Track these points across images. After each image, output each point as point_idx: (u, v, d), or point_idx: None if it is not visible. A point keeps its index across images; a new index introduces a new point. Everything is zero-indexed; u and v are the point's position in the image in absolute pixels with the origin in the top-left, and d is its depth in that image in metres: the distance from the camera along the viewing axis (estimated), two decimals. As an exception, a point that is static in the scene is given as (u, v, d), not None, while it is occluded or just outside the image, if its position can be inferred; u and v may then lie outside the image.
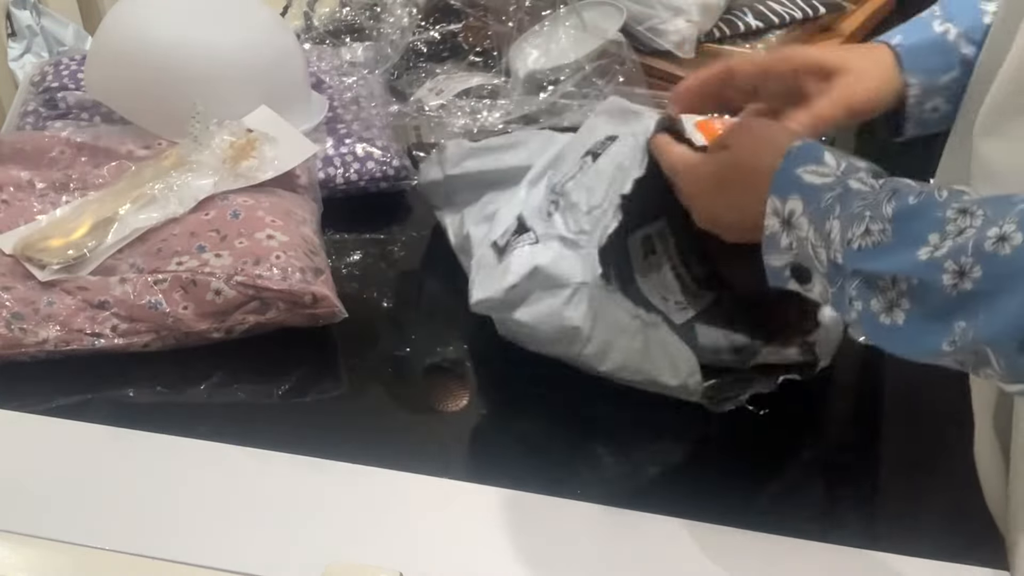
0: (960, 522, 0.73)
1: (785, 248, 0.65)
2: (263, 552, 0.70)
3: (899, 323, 0.59)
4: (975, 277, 0.55)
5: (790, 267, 0.65)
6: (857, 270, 0.60)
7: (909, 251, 0.58)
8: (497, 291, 0.77)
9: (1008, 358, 0.54)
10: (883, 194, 0.60)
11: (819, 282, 0.64)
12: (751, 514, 0.72)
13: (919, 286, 0.57)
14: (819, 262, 0.63)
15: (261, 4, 1.08)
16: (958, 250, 0.56)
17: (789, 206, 0.64)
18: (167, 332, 0.85)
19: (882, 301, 0.59)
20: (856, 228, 0.60)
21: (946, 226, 0.57)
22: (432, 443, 0.80)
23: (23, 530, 0.71)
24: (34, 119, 1.09)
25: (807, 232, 0.63)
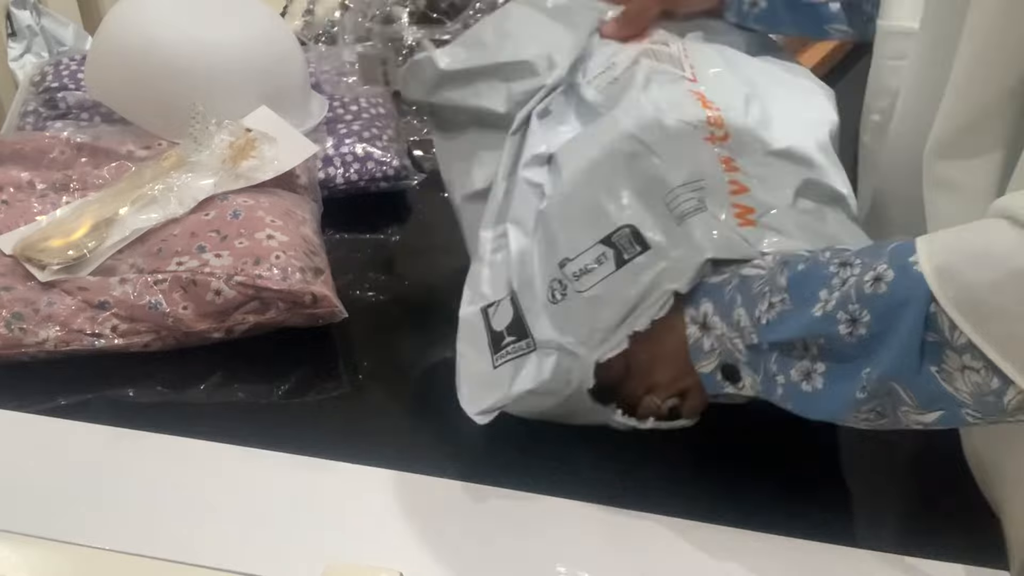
0: (960, 522, 0.73)
1: (709, 351, 0.68)
2: (263, 552, 0.70)
3: (819, 387, 0.63)
4: (865, 321, 0.59)
5: (719, 369, 0.68)
6: (772, 343, 0.64)
7: (807, 312, 0.62)
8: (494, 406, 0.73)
9: (914, 386, 0.59)
10: (776, 268, 0.65)
11: (747, 375, 0.67)
12: (751, 514, 0.72)
13: (825, 344, 0.62)
14: (739, 352, 0.67)
15: (261, 4, 1.09)
16: (844, 299, 0.60)
17: (702, 310, 0.68)
18: (167, 332, 0.85)
19: (800, 370, 0.64)
20: (761, 306, 0.65)
21: (831, 280, 0.62)
22: (432, 443, 0.80)
23: (23, 530, 0.71)
24: (34, 119, 1.09)
25: (721, 328, 0.67)
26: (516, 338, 0.74)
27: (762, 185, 0.75)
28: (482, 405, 0.73)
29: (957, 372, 0.58)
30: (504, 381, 0.73)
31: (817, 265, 0.63)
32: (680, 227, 0.72)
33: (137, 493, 0.74)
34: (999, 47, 0.62)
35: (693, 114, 0.79)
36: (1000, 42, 0.62)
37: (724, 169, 0.75)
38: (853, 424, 0.63)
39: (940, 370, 0.58)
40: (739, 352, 0.67)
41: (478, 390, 0.74)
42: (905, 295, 0.58)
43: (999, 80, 0.63)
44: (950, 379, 0.58)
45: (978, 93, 0.64)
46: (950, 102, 0.66)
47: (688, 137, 0.77)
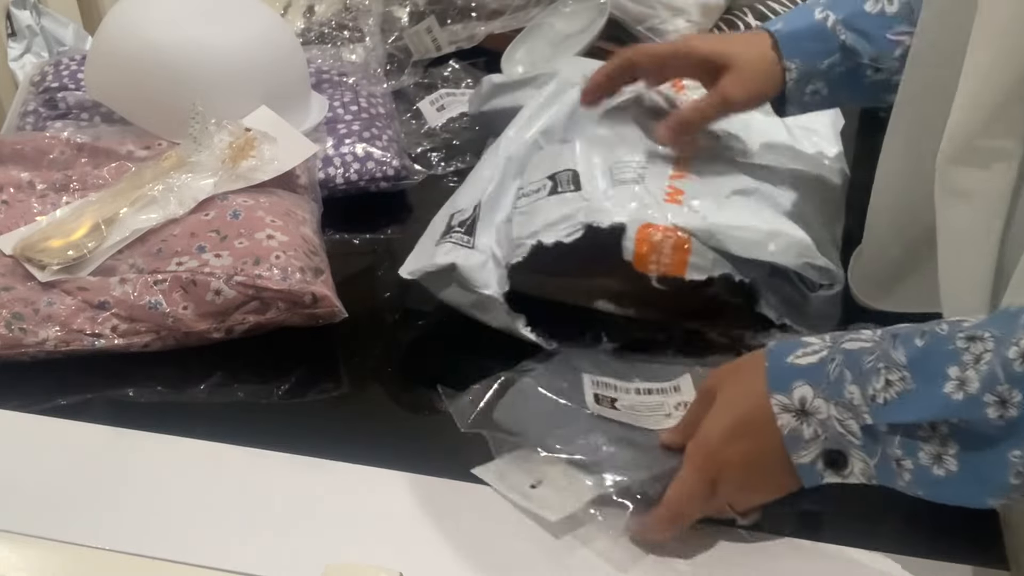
0: (960, 522, 0.73)
1: (811, 438, 0.63)
2: (263, 552, 0.70)
3: (953, 471, 0.58)
4: (1017, 402, 0.55)
5: (821, 457, 0.63)
6: (893, 424, 0.59)
7: (935, 391, 0.57)
8: (421, 268, 0.85)
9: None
10: (886, 343, 0.60)
11: (857, 460, 0.62)
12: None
13: (960, 425, 0.57)
14: (851, 435, 0.61)
15: (261, 4, 1.08)
16: (991, 379, 0.55)
17: (797, 395, 0.62)
18: (167, 332, 0.85)
19: (929, 452, 0.58)
20: (876, 383, 0.59)
21: (961, 356, 0.57)
22: (432, 443, 0.80)
23: (23, 530, 0.71)
24: (34, 119, 1.09)
25: (827, 411, 0.62)
26: (463, 232, 0.85)
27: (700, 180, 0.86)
28: (411, 267, 0.86)
29: None
30: (437, 253, 0.84)
31: (938, 338, 0.59)
32: (613, 188, 0.85)
33: (137, 493, 0.74)
34: (1012, 51, 0.61)
35: None
36: (1014, 46, 0.61)
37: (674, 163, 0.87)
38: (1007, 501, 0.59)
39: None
40: (852, 435, 0.61)
41: (414, 259, 0.87)
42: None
43: (1014, 85, 0.61)
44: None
45: (992, 99, 0.62)
46: (963, 109, 0.64)
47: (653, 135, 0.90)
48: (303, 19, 1.32)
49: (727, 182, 0.87)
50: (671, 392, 0.78)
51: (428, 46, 1.27)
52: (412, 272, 0.85)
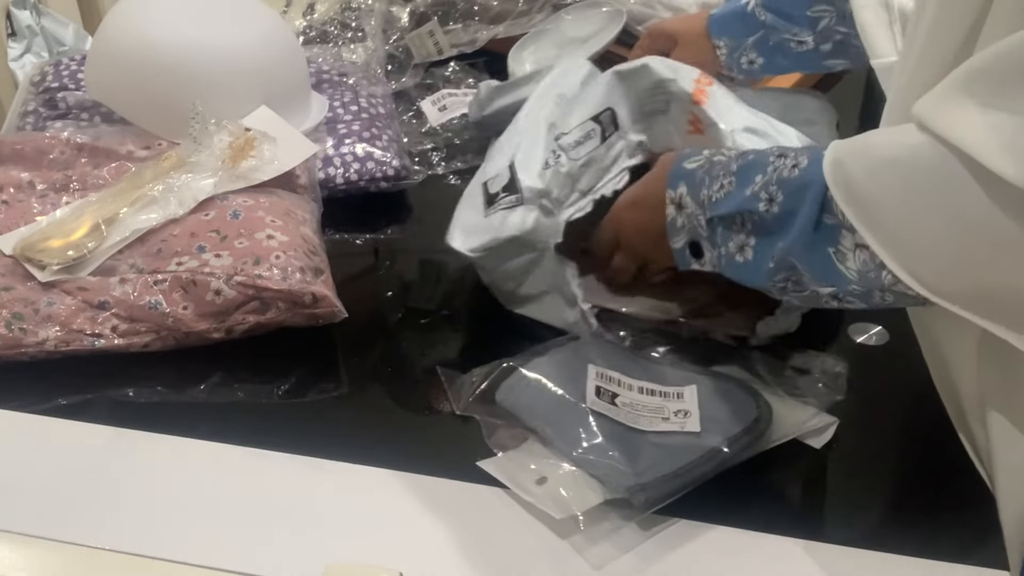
0: (960, 522, 0.73)
1: (681, 227, 0.77)
2: (263, 552, 0.70)
3: (749, 258, 0.72)
4: (779, 200, 0.68)
5: (688, 245, 0.77)
6: (718, 217, 0.73)
7: (742, 191, 0.71)
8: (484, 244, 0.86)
9: (807, 262, 0.67)
10: (733, 155, 0.75)
11: (707, 249, 0.76)
12: (751, 514, 0.72)
13: (752, 218, 0.70)
14: (701, 227, 0.75)
15: (261, 4, 1.08)
16: (768, 182, 0.69)
17: (679, 191, 0.77)
18: (167, 332, 0.85)
19: (735, 242, 0.72)
20: (714, 186, 0.74)
21: (767, 167, 0.70)
22: (432, 443, 0.80)
23: (23, 530, 0.71)
24: (34, 119, 1.09)
25: (691, 207, 0.76)
26: (508, 193, 0.87)
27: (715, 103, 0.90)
28: (474, 243, 0.86)
29: (851, 252, 0.64)
30: (494, 226, 0.86)
31: (762, 155, 0.72)
32: (643, 121, 0.93)
33: (137, 493, 0.74)
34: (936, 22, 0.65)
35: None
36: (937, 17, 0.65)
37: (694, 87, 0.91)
38: (779, 295, 0.72)
39: (836, 251, 0.65)
40: (701, 227, 0.75)
41: (470, 234, 0.87)
42: (810, 179, 0.66)
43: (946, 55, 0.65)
44: (843, 259, 0.65)
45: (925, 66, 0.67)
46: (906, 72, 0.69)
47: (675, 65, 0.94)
48: (303, 19, 1.32)
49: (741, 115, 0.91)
50: (673, 397, 0.78)
51: (430, 49, 1.27)
52: (475, 249, 0.86)
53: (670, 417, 0.76)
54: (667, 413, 0.77)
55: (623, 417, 0.76)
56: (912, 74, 0.69)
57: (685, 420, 0.76)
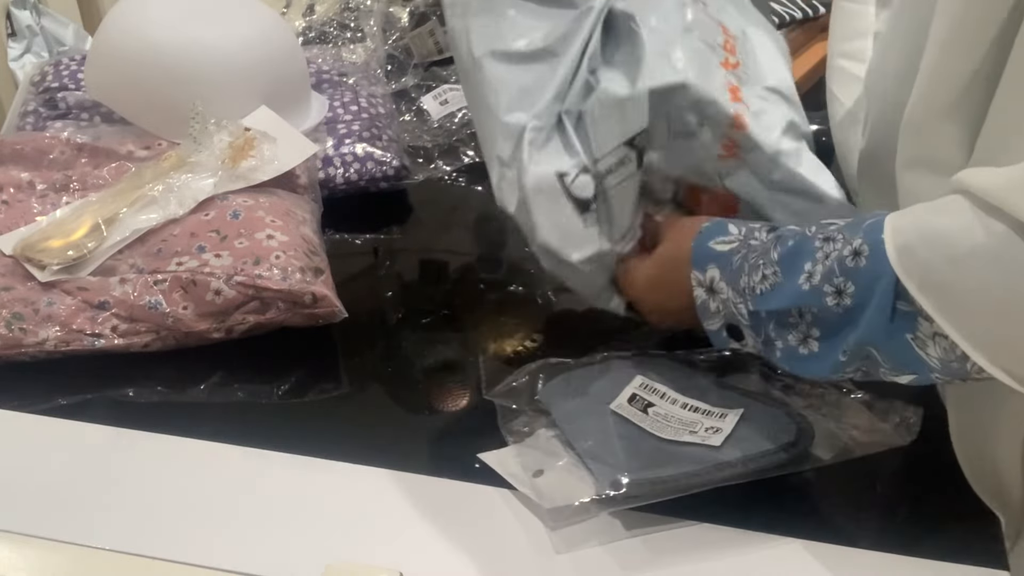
0: (960, 522, 0.73)
1: (715, 312, 0.74)
2: (263, 552, 0.70)
3: (815, 351, 0.68)
4: (850, 292, 0.64)
5: (724, 328, 0.74)
6: (768, 311, 0.69)
7: (793, 283, 0.67)
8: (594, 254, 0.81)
9: (885, 350, 0.64)
10: (770, 242, 0.70)
11: (748, 335, 0.73)
12: (751, 514, 0.72)
13: (819, 314, 0.66)
14: (742, 316, 0.72)
15: (261, 4, 1.08)
16: (829, 273, 0.65)
17: (708, 275, 0.74)
18: (167, 332, 0.85)
19: (796, 335, 0.69)
20: (755, 277, 0.70)
21: (815, 254, 0.67)
22: (432, 443, 0.80)
23: (23, 530, 0.71)
24: (34, 119, 1.09)
25: (728, 293, 0.73)
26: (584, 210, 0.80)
27: (757, 122, 0.82)
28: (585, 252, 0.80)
29: (929, 339, 0.62)
30: (595, 238, 0.81)
31: (805, 240, 0.68)
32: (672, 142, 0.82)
33: (137, 493, 0.74)
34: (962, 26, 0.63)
35: (713, 36, 0.84)
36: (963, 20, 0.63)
37: (730, 99, 0.81)
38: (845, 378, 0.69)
39: (915, 337, 0.62)
40: (742, 316, 0.72)
41: (573, 239, 0.80)
42: (879, 269, 0.62)
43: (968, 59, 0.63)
44: (923, 345, 0.62)
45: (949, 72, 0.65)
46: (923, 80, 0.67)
47: (707, 59, 0.82)
48: (303, 19, 1.32)
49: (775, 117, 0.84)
50: (715, 417, 0.76)
51: (431, 48, 1.28)
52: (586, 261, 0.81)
53: (698, 431, 0.75)
54: (698, 428, 0.75)
55: (647, 424, 0.75)
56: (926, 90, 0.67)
57: (709, 435, 0.74)
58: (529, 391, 0.79)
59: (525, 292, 0.95)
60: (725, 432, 0.74)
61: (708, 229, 0.75)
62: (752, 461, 0.72)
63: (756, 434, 0.74)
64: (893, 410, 0.76)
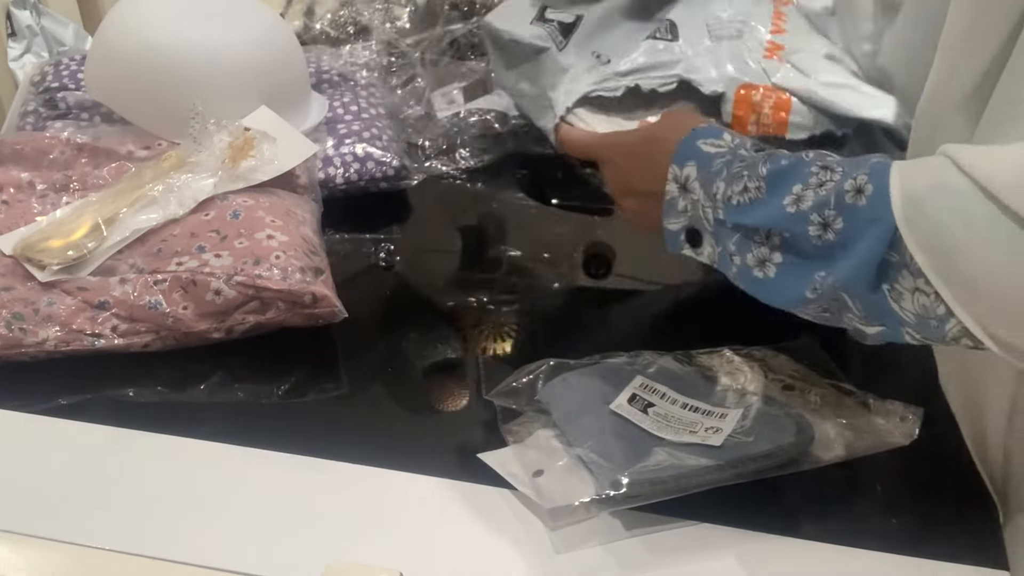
0: (960, 522, 0.73)
1: (681, 211, 0.71)
2: (263, 552, 0.70)
3: (770, 276, 0.66)
4: (837, 228, 0.61)
5: (685, 231, 0.72)
6: (736, 224, 0.66)
7: (777, 203, 0.64)
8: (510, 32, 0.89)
9: (863, 299, 0.61)
10: (760, 157, 0.67)
11: (707, 243, 0.70)
12: (751, 514, 0.72)
13: (790, 239, 0.64)
14: (707, 221, 0.69)
15: (261, 4, 1.08)
16: (822, 203, 0.62)
17: (686, 171, 0.70)
18: (167, 332, 0.85)
19: (756, 256, 0.66)
20: (735, 186, 0.67)
21: (808, 179, 0.63)
22: (432, 443, 0.80)
23: (23, 530, 0.71)
24: (34, 119, 1.09)
25: (699, 194, 0.70)
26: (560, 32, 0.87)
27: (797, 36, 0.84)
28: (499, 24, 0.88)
29: (908, 293, 0.59)
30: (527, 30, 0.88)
31: (800, 163, 0.65)
32: (711, 42, 0.85)
33: (137, 493, 0.74)
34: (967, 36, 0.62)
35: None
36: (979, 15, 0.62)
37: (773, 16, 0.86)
38: (796, 314, 0.67)
39: (892, 288, 0.60)
40: (707, 221, 0.69)
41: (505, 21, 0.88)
42: (878, 213, 0.59)
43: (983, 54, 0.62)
44: (899, 298, 0.60)
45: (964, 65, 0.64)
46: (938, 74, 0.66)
47: None
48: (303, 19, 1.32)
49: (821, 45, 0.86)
50: (715, 416, 0.76)
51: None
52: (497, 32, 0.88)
53: (698, 431, 0.75)
54: (698, 428, 0.75)
55: (647, 424, 0.75)
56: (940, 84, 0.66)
57: (709, 435, 0.74)
58: (529, 391, 0.79)
59: (525, 292, 0.96)
60: (725, 432, 0.74)
61: (703, 129, 0.72)
62: (752, 461, 0.72)
63: (756, 434, 0.74)
64: (893, 411, 0.76)
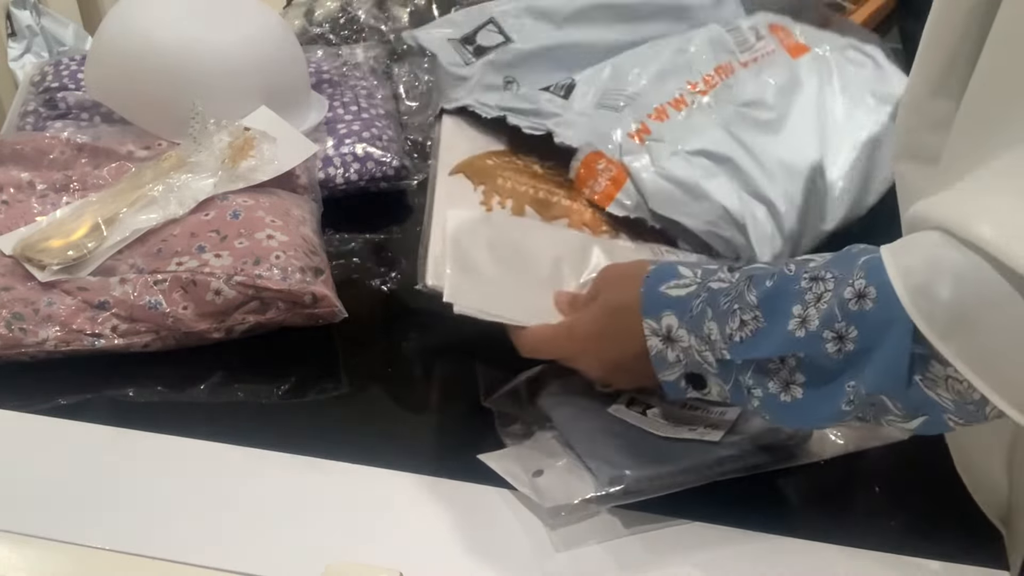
0: (960, 522, 0.73)
1: (674, 362, 0.68)
2: (263, 552, 0.70)
3: (799, 397, 0.63)
4: (853, 337, 0.59)
5: (683, 378, 0.69)
6: (747, 360, 0.64)
7: (781, 329, 0.62)
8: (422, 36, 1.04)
9: (901, 398, 0.59)
10: (742, 285, 0.65)
11: (714, 384, 0.68)
12: (751, 513, 0.72)
13: (806, 359, 0.62)
14: (708, 364, 0.67)
15: (261, 4, 1.08)
16: (829, 319, 0.60)
17: (664, 323, 0.68)
18: (167, 332, 0.85)
19: (778, 383, 0.64)
20: (732, 323, 0.64)
21: (804, 296, 0.62)
22: (432, 443, 0.80)
23: (23, 530, 0.71)
24: (34, 119, 1.09)
25: (689, 341, 0.67)
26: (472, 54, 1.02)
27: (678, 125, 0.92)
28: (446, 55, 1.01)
29: (941, 380, 0.58)
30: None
31: (785, 279, 0.63)
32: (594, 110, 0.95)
33: (137, 493, 0.74)
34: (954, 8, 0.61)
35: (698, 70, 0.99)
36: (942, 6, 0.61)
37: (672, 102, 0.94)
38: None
39: (924, 379, 0.58)
40: (709, 364, 0.67)
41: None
42: (891, 314, 0.57)
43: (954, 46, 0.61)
44: (934, 386, 0.58)
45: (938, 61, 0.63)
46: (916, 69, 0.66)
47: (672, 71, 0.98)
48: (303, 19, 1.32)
49: (702, 139, 0.92)
50: (712, 415, 0.76)
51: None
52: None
53: (697, 429, 0.74)
54: (697, 425, 0.75)
55: (647, 425, 0.75)
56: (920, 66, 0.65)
57: (708, 432, 0.74)
58: (527, 397, 0.79)
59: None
60: (723, 430, 0.74)
61: (656, 272, 0.70)
62: (751, 456, 0.72)
63: (754, 430, 0.74)
64: None
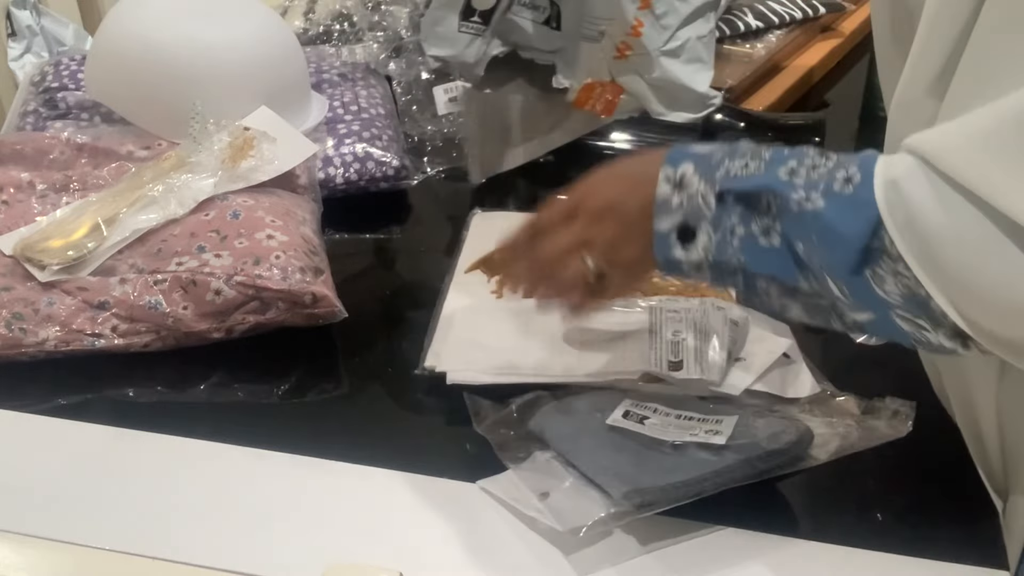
0: (960, 522, 0.73)
1: (676, 207, 0.67)
2: (263, 552, 0.70)
3: (776, 245, 0.64)
4: (820, 207, 0.61)
5: (676, 229, 0.68)
6: (738, 192, 0.65)
7: (772, 171, 0.64)
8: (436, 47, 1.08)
9: (847, 282, 0.61)
10: (763, 147, 0.67)
11: (704, 232, 0.67)
12: (751, 514, 0.72)
13: (777, 202, 0.63)
14: (707, 206, 0.66)
15: (261, 4, 1.09)
16: (812, 182, 0.62)
17: (681, 169, 0.67)
18: (167, 332, 0.85)
19: (759, 226, 0.64)
20: (734, 163, 0.66)
21: (804, 159, 0.64)
22: (432, 443, 0.80)
23: (23, 530, 0.71)
24: (34, 119, 1.09)
25: (696, 186, 0.67)
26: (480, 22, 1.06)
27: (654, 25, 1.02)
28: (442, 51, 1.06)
29: (890, 276, 0.60)
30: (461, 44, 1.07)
31: (800, 151, 0.66)
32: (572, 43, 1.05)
33: (137, 493, 0.74)
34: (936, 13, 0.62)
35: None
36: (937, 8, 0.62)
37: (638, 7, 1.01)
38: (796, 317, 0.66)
39: (874, 274, 0.60)
40: (707, 206, 0.66)
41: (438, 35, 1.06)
42: (863, 198, 0.60)
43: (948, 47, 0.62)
44: (881, 283, 0.60)
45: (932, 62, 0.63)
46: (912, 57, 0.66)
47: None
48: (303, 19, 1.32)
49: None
50: (710, 422, 0.75)
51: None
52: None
53: (699, 434, 0.74)
54: (697, 431, 0.74)
55: (647, 431, 0.75)
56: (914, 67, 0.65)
57: (711, 436, 0.73)
58: (520, 420, 0.78)
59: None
60: (725, 434, 0.74)
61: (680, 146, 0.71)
62: (760, 461, 0.72)
63: (758, 435, 0.74)
64: (884, 405, 0.77)
